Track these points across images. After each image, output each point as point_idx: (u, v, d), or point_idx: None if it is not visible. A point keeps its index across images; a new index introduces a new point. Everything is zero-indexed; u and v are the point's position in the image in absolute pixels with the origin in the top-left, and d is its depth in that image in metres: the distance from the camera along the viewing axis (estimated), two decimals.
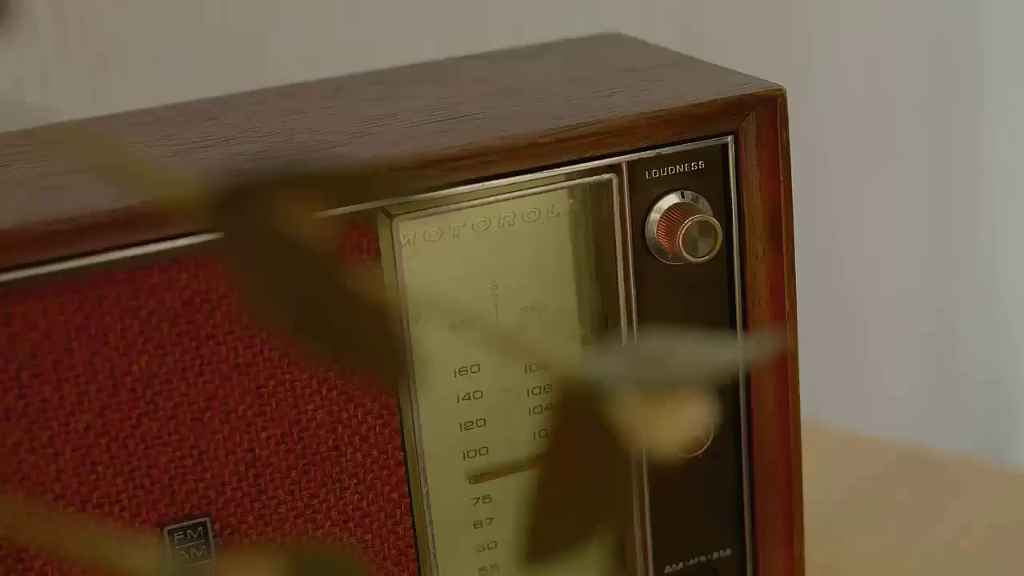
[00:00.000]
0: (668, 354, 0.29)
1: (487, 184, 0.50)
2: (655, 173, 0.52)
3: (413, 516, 0.52)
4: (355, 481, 0.51)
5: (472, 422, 0.53)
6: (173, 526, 0.49)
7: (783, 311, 0.54)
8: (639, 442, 0.28)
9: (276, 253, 0.25)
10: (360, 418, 0.51)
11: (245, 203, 0.25)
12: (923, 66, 1.06)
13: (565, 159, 0.51)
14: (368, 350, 0.26)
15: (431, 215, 0.50)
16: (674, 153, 0.52)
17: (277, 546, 0.26)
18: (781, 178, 0.52)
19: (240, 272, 0.25)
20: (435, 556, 0.53)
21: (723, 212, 0.53)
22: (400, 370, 0.27)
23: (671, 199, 0.52)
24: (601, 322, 0.53)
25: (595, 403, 0.28)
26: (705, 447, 0.55)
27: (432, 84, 0.59)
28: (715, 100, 0.52)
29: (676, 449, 0.28)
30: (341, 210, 0.48)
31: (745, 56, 0.95)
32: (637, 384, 0.28)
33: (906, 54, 1.05)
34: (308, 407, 0.50)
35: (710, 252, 0.51)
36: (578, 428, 0.29)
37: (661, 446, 0.28)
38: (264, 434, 0.50)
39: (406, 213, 0.49)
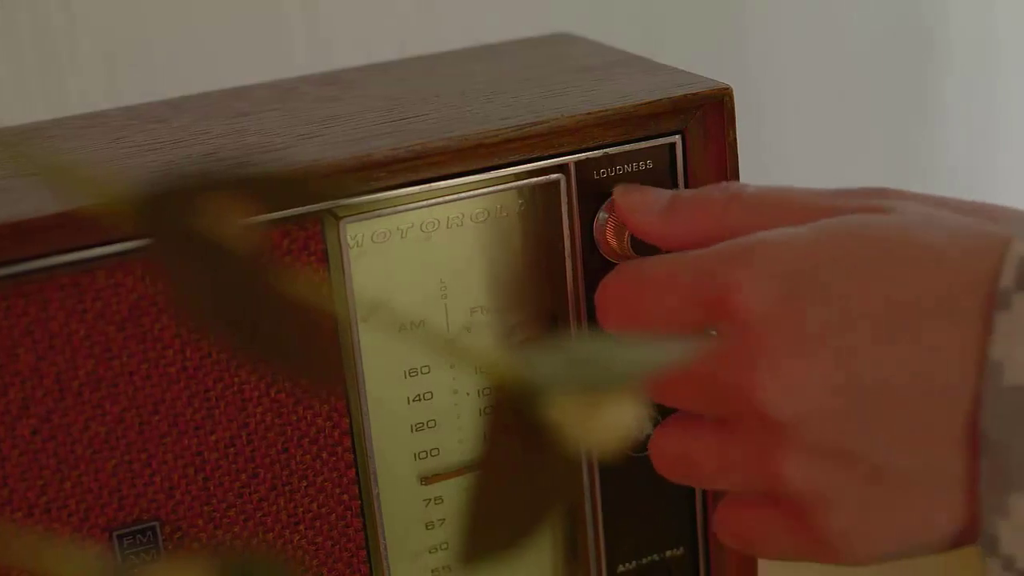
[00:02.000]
0: (604, 354, 0.29)
1: (435, 185, 0.50)
2: (603, 173, 0.52)
3: (364, 518, 0.52)
4: (305, 483, 0.51)
5: (423, 423, 0.53)
6: (122, 531, 0.49)
7: None
8: (575, 442, 0.28)
9: (204, 257, 0.25)
10: (309, 420, 0.50)
11: (173, 207, 0.25)
12: (881, 65, 1.06)
13: (513, 159, 0.51)
14: (300, 355, 0.26)
15: (378, 216, 0.50)
16: (622, 152, 0.52)
17: (208, 550, 0.26)
18: (728, 177, 0.53)
19: (169, 277, 0.25)
20: (387, 558, 0.53)
21: None
22: (333, 375, 0.27)
23: None
24: (551, 322, 0.54)
25: (531, 404, 0.29)
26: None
27: (382, 85, 0.58)
28: (662, 99, 0.52)
29: (613, 448, 0.29)
30: (287, 212, 0.48)
31: (702, 55, 0.96)
32: (573, 384, 0.28)
33: (863, 51, 1.05)
34: (256, 410, 0.50)
35: (657, 251, 0.51)
36: (515, 429, 0.29)
37: (597, 446, 0.28)
38: (212, 437, 0.49)
39: (353, 215, 0.49)
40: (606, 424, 0.28)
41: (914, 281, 0.45)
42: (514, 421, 0.29)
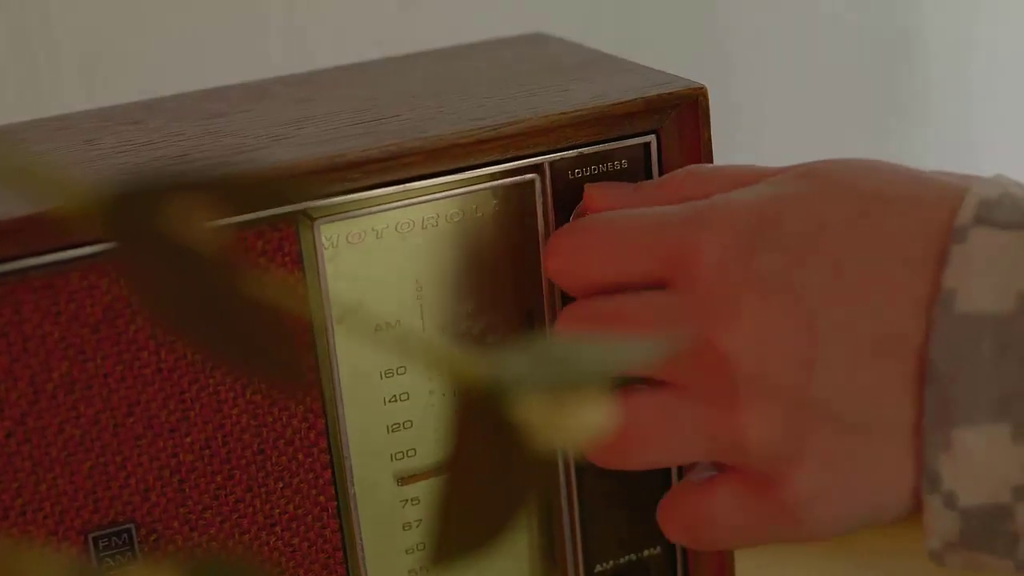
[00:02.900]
0: (572, 353, 0.29)
1: (409, 186, 0.50)
2: (578, 173, 0.52)
3: (341, 519, 0.52)
4: (281, 485, 0.51)
5: (399, 424, 0.53)
6: (97, 533, 0.49)
7: None
8: (544, 441, 0.28)
9: (170, 260, 0.25)
10: (285, 421, 0.50)
11: (138, 210, 0.25)
12: (858, 66, 1.07)
13: (487, 160, 0.51)
14: (269, 356, 0.26)
15: (353, 217, 0.50)
16: (596, 152, 0.52)
17: (181, 552, 0.26)
18: None
19: (135, 279, 0.25)
20: (364, 559, 0.53)
21: None
22: (303, 376, 0.27)
23: None
24: (526, 322, 0.54)
25: (500, 403, 0.29)
26: None
27: (356, 86, 0.58)
28: (636, 99, 0.52)
29: (582, 447, 0.29)
30: (261, 214, 0.48)
31: (680, 55, 0.96)
32: (541, 383, 0.28)
33: (841, 52, 1.05)
34: (232, 411, 0.50)
35: None
36: (484, 428, 0.29)
37: (566, 445, 0.28)
38: (188, 439, 0.49)
39: (327, 216, 0.49)
40: (575, 423, 0.28)
41: (870, 225, 0.46)
42: (483, 421, 0.29)
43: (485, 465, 0.29)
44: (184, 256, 0.25)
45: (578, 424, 0.28)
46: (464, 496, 0.29)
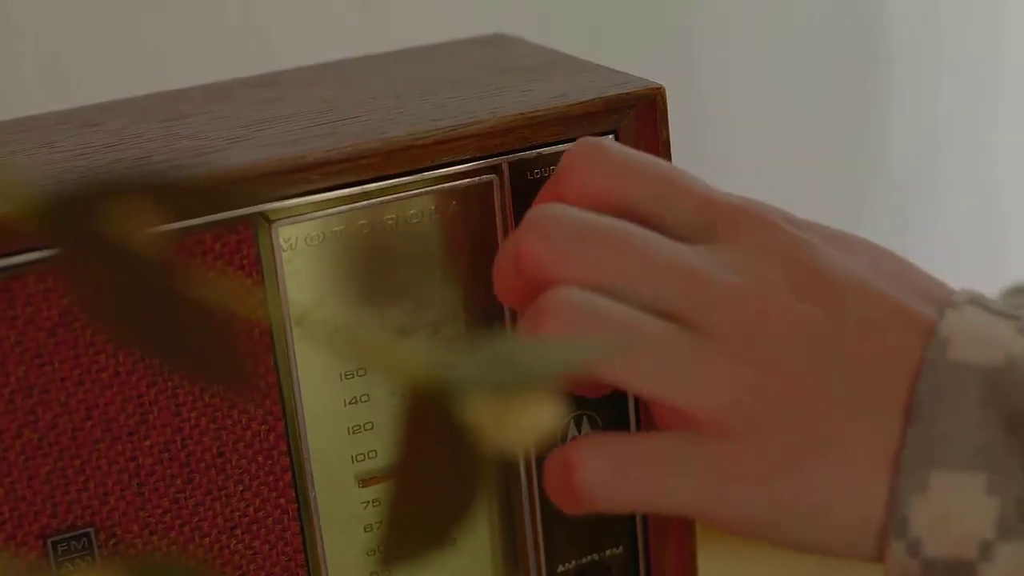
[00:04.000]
0: (519, 353, 0.29)
1: (368, 187, 0.50)
2: (537, 173, 0.52)
3: (302, 521, 0.52)
4: (241, 488, 0.51)
5: (360, 425, 0.53)
6: (56, 537, 0.49)
7: None
8: (492, 442, 0.28)
9: (110, 263, 0.24)
10: (244, 424, 0.50)
11: (76, 213, 0.24)
12: (824, 67, 1.07)
13: (445, 161, 0.51)
14: (213, 359, 0.26)
15: (311, 219, 0.50)
16: (556, 153, 0.52)
17: (123, 559, 0.26)
18: None
19: (74, 283, 0.25)
20: (325, 561, 0.53)
21: None
22: (248, 378, 0.27)
23: None
24: (486, 322, 0.54)
25: (448, 404, 0.29)
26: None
27: (318, 87, 0.58)
28: (594, 99, 0.52)
29: (530, 447, 0.29)
30: (217, 216, 0.48)
31: (646, 56, 0.96)
32: (489, 384, 0.28)
33: (806, 53, 1.06)
34: (191, 414, 0.50)
35: None
36: (432, 430, 0.29)
37: (514, 445, 0.28)
38: (147, 443, 0.49)
39: (285, 217, 0.49)
40: (522, 423, 0.28)
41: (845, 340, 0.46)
42: (432, 421, 0.29)
43: (435, 465, 0.29)
44: (125, 259, 0.25)
45: (527, 424, 0.28)
46: (414, 497, 0.29)
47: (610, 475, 0.45)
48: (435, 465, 0.29)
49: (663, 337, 0.45)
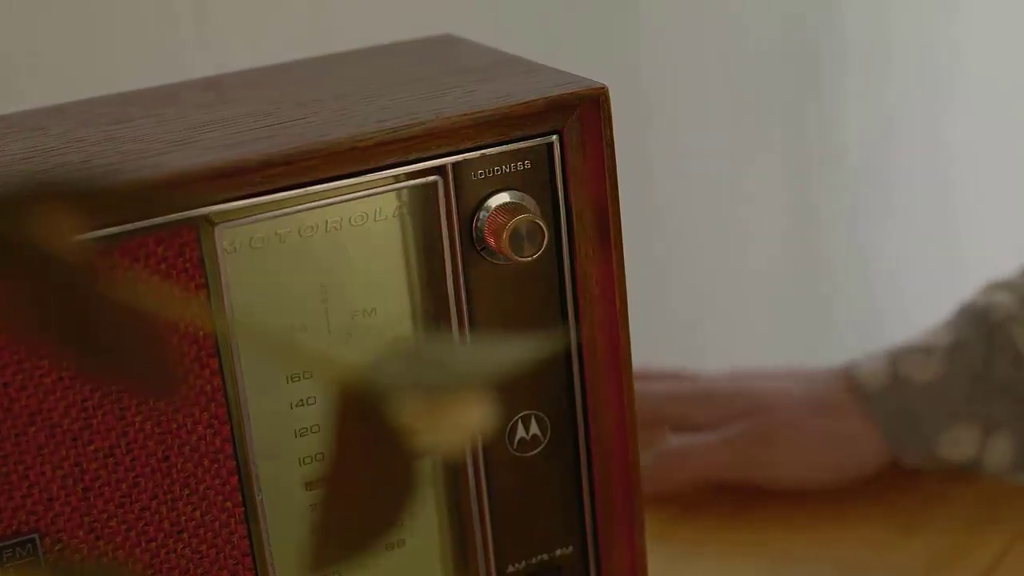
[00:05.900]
0: (449, 355, 0.29)
1: (311, 189, 0.50)
2: (481, 174, 0.52)
3: (248, 524, 0.52)
4: (187, 492, 0.51)
5: (306, 428, 0.53)
6: (1, 544, 0.49)
7: (615, 308, 0.54)
8: (421, 445, 0.28)
9: (30, 268, 0.24)
10: (190, 428, 0.50)
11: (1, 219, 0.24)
12: (775, 66, 1.07)
13: (389, 162, 0.51)
14: (137, 364, 0.26)
15: (255, 222, 0.50)
16: (500, 153, 0.52)
17: (48, 563, 0.26)
18: (606, 176, 0.53)
19: None
20: (272, 564, 0.52)
21: (551, 211, 0.53)
22: (170, 383, 0.26)
23: (498, 199, 0.52)
24: (432, 324, 0.54)
25: (378, 407, 0.28)
26: (543, 445, 0.55)
27: (264, 88, 0.58)
28: (537, 100, 0.52)
29: (460, 448, 0.29)
30: (159, 219, 0.48)
31: (595, 57, 0.96)
32: (418, 386, 0.28)
33: (757, 53, 1.06)
34: (136, 419, 0.49)
35: (536, 252, 0.52)
36: (362, 432, 0.29)
37: (444, 447, 0.28)
38: (91, 447, 0.49)
39: (229, 220, 0.49)
40: (452, 425, 0.28)
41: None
42: (363, 424, 0.29)
43: (365, 468, 0.29)
44: (46, 266, 0.24)
45: (456, 426, 0.28)
46: (346, 501, 0.29)
47: None
48: (366, 468, 0.29)
49: None
